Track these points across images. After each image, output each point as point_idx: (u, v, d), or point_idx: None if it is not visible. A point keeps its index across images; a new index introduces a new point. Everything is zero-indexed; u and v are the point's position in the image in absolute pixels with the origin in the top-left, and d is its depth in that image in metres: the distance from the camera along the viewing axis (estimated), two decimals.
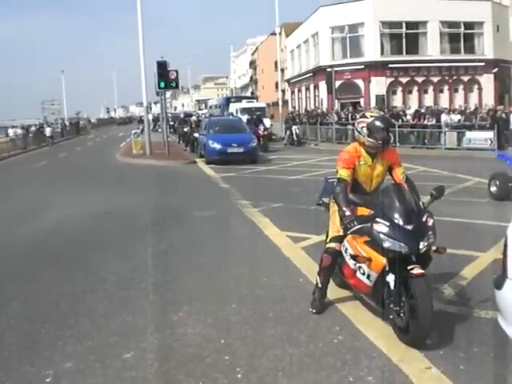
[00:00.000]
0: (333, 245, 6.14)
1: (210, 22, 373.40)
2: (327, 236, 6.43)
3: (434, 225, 5.61)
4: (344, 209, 5.78)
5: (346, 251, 5.96)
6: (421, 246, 5.35)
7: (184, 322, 6.08)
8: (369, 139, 6.00)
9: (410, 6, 44.07)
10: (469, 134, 29.64)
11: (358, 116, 6.52)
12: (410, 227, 5.39)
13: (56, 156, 35.63)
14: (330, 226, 6.35)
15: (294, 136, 34.05)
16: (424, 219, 5.56)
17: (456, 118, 32.06)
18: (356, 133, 6.23)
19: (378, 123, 5.97)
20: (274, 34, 65.49)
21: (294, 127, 34.72)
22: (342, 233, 6.01)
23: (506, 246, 4.46)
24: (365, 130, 6.02)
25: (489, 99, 43.30)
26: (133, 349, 5.43)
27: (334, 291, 6.73)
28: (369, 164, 6.16)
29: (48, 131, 51.08)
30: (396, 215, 5.46)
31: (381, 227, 5.45)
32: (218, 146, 24.00)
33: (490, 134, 28.71)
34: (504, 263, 4.45)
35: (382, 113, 7.03)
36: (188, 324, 6.03)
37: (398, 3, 45.94)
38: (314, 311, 6.24)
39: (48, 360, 5.28)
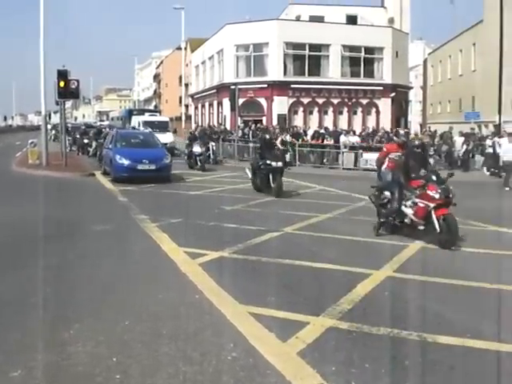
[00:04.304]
0: None
1: (114, 33, 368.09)
2: None
3: None
4: None
5: None
6: None
7: (75, 340, 5.89)
8: None
9: (314, 29, 45.42)
10: (365, 155, 30.67)
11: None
12: None
13: None
14: None
15: (211, 153, 31.26)
16: None
17: (354, 139, 33.12)
18: None
19: None
20: (179, 48, 65.56)
21: (211, 144, 31.99)
22: None
23: None
24: None
25: (386, 122, 45.06)
26: (20, 367, 5.21)
27: (228, 307, 6.75)
28: None
29: None
30: None
31: None
32: (126, 162, 21.27)
33: None
34: None
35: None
36: (79, 342, 5.84)
37: (303, 25, 47.23)
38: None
39: None
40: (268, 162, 18.31)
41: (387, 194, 12.09)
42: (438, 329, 6.33)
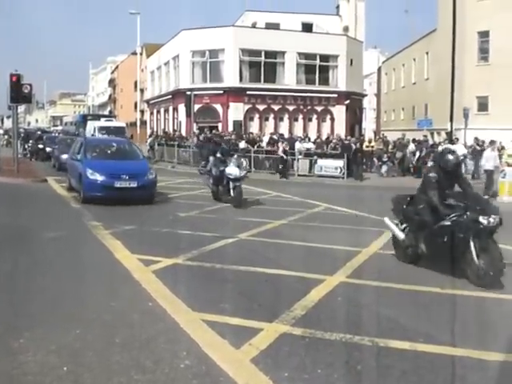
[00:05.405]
0: None
1: (69, 38, 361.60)
2: None
3: None
4: None
5: None
6: None
7: (25, 349, 5.76)
8: None
9: (270, 36, 45.72)
10: (320, 162, 30.96)
11: None
12: None
13: None
14: None
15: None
16: None
17: (308, 145, 33.40)
18: None
19: None
20: (134, 53, 65.01)
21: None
22: None
23: None
24: None
25: (340, 129, 45.55)
26: None
27: (182, 315, 6.72)
28: None
29: None
30: None
31: None
32: (100, 178, 16.89)
33: (340, 163, 30.20)
34: None
35: None
36: (29, 351, 5.71)
37: (259, 32, 47.52)
38: None
39: None
40: (469, 214, 8.80)
41: None
42: (390, 334, 6.40)
